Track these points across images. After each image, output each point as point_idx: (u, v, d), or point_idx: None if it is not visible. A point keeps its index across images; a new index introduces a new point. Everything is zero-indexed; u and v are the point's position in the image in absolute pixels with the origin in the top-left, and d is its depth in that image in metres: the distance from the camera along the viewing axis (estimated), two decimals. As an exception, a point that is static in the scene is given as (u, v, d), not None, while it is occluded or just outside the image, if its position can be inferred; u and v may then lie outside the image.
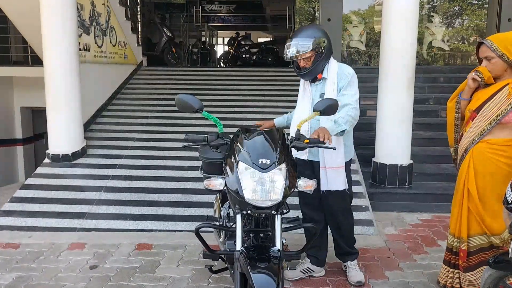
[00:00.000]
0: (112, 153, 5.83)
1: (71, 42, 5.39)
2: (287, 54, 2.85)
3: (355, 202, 4.65)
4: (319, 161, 3.01)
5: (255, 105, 7.14)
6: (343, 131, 2.77)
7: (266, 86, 7.91)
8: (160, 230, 4.36)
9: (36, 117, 9.69)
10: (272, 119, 3.35)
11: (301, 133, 2.52)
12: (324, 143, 2.49)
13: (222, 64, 14.18)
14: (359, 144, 4.84)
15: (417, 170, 5.19)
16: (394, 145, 5.04)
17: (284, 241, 2.82)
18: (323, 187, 3.00)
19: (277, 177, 2.19)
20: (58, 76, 5.35)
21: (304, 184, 2.35)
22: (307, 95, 3.06)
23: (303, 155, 3.05)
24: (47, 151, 5.56)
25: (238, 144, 2.33)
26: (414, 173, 5.13)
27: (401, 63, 4.89)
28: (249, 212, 2.26)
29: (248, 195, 2.17)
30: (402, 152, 5.05)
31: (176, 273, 3.48)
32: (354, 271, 3.26)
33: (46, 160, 5.55)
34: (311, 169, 3.07)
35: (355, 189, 4.83)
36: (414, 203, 4.91)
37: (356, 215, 4.41)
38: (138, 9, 9.82)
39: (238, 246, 2.21)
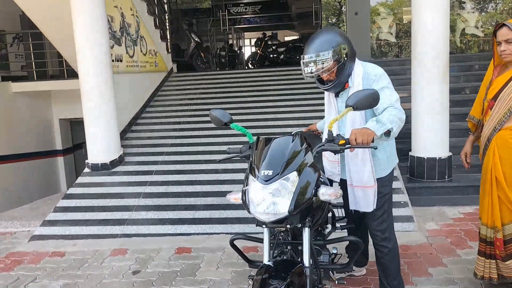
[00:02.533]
0: (149, 160, 5.96)
1: (104, 54, 5.54)
2: (305, 74, 2.46)
3: (394, 198, 4.54)
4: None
5: (286, 104, 7.12)
6: (389, 133, 2.30)
7: (296, 85, 7.86)
8: (198, 234, 4.42)
9: (74, 128, 10.02)
10: (310, 120, 3.18)
11: (320, 135, 2.31)
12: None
13: (250, 66, 14.22)
14: (395, 139, 4.72)
15: (457, 162, 5.01)
16: (431, 138, 4.91)
17: (335, 251, 2.76)
18: (351, 206, 2.68)
19: (281, 189, 1.97)
20: (93, 88, 5.52)
21: (327, 192, 2.07)
22: (332, 109, 2.69)
23: (336, 176, 2.74)
24: (86, 161, 5.74)
25: (252, 156, 2.18)
26: (453, 166, 4.98)
27: (434, 53, 4.76)
28: (263, 226, 2.11)
29: (253, 208, 2.01)
30: (440, 144, 4.92)
31: (216, 276, 3.52)
32: None
33: (86, 170, 5.73)
34: (345, 188, 2.74)
35: (393, 184, 4.77)
36: (455, 196, 4.77)
37: (395, 212, 4.33)
38: (166, 17, 9.99)
39: (266, 259, 2.10)
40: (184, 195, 5.06)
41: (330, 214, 3.11)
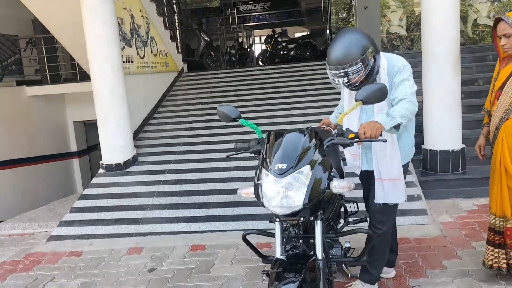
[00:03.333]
0: (162, 159, 6.02)
1: (115, 56, 5.61)
2: (336, 83, 2.46)
3: (407, 191, 4.51)
4: (373, 171, 2.69)
5: (297, 101, 7.12)
6: (398, 126, 2.33)
7: (307, 81, 7.86)
8: (212, 231, 4.46)
9: (89, 129, 10.17)
10: (322, 116, 3.17)
11: (348, 128, 2.30)
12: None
13: (260, 63, 14.23)
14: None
15: (470, 154, 4.95)
16: (444, 130, 4.87)
17: (348, 245, 2.78)
18: (378, 200, 2.68)
19: (295, 182, 1.99)
20: (106, 90, 5.60)
21: (339, 185, 2.09)
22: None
23: (356, 169, 2.78)
24: (100, 162, 5.83)
25: (263, 150, 2.19)
26: (467, 158, 4.94)
27: (445, 45, 4.72)
28: (276, 220, 2.15)
29: (266, 202, 2.02)
30: (453, 136, 4.87)
31: (230, 272, 3.55)
32: None
33: (101, 170, 5.82)
34: (367, 179, 2.81)
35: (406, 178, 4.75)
36: (469, 188, 4.73)
37: (409, 205, 4.34)
38: (176, 18, 10.05)
39: (278, 253, 2.13)
40: (197, 193, 5.11)
41: (342, 209, 3.10)
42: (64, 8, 6.02)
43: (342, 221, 3.10)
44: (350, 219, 3.16)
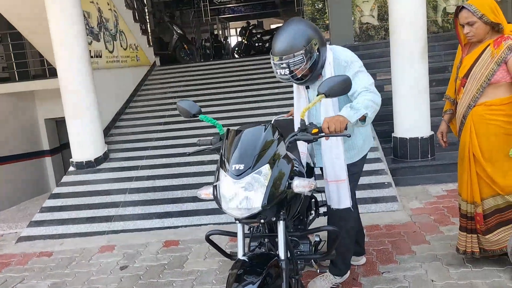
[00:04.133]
0: (134, 155, 5.94)
1: (82, 50, 5.48)
2: (279, 75, 2.36)
3: (378, 179, 4.63)
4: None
5: (270, 92, 7.11)
6: (364, 119, 2.27)
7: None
8: (185, 226, 4.42)
9: (61, 127, 9.95)
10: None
11: (312, 123, 2.23)
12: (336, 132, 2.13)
13: (236, 55, 14.17)
14: (378, 121, 4.75)
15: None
16: (413, 118, 4.93)
17: (317, 239, 2.66)
18: (328, 202, 2.65)
19: (254, 183, 1.89)
20: (73, 85, 5.47)
21: (301, 184, 1.98)
22: (302, 100, 2.64)
23: (303, 160, 2.67)
24: (71, 160, 5.71)
25: (222, 149, 2.09)
26: (436, 144, 5.02)
27: (412, 33, 4.77)
28: (237, 222, 2.04)
29: (225, 204, 1.93)
30: (422, 124, 4.94)
31: (203, 266, 3.53)
32: (321, 284, 2.86)
33: (71, 168, 5.70)
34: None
35: (376, 166, 4.82)
36: (438, 174, 4.81)
37: (380, 192, 4.40)
38: (146, 10, 9.88)
39: (240, 254, 2.04)
40: (171, 189, 5.06)
41: (313, 200, 3.06)
42: (27, 1, 5.84)
43: (313, 213, 3.05)
44: (321, 211, 3.12)
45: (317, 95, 2.11)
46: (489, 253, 2.88)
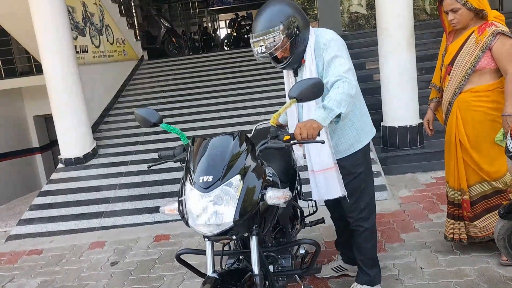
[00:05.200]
0: (123, 150, 5.90)
1: (66, 46, 5.41)
2: (257, 54, 2.22)
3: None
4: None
5: (259, 84, 7.08)
6: (339, 116, 2.11)
7: (268, 64, 7.81)
8: (176, 220, 4.39)
9: (50, 124, 9.85)
10: (285, 99, 2.90)
11: (285, 128, 2.12)
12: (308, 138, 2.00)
13: (225, 47, 14.08)
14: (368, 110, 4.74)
15: (428, 129, 5.08)
16: (401, 107, 4.94)
17: (302, 251, 2.52)
18: (314, 197, 2.51)
19: (223, 196, 1.74)
20: (59, 81, 5.41)
21: (274, 195, 1.84)
22: None
23: (300, 159, 2.57)
24: (59, 156, 5.67)
25: (187, 159, 1.92)
26: (425, 132, 5.02)
27: (398, 22, 4.76)
28: (206, 239, 1.89)
29: (192, 221, 1.76)
30: (410, 112, 4.95)
31: (194, 260, 3.47)
32: None
33: (60, 165, 5.66)
34: None
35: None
36: (427, 162, 4.84)
37: (369, 182, 4.39)
38: (132, 4, 9.78)
39: (209, 271, 1.89)
40: (160, 183, 5.03)
41: (298, 210, 2.88)
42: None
43: (297, 224, 2.81)
44: (307, 221, 2.95)
45: (289, 99, 1.99)
46: (477, 239, 2.90)
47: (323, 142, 1.98)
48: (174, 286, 3.17)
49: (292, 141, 2.01)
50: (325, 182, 2.40)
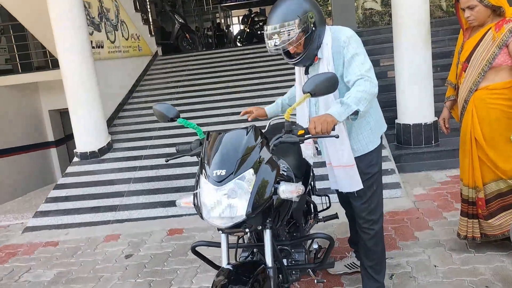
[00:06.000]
0: (137, 145, 5.96)
1: (83, 41, 5.47)
2: (270, 47, 2.17)
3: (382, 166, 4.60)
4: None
5: (272, 80, 7.08)
6: (357, 113, 2.06)
7: (283, 60, 7.80)
8: (189, 214, 4.44)
9: (65, 118, 9.97)
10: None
11: (299, 123, 2.09)
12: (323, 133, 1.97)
13: (238, 44, 14.08)
14: (381, 107, 4.68)
15: (443, 127, 5.04)
16: (416, 104, 4.90)
17: (316, 246, 2.56)
18: (332, 186, 2.54)
19: (237, 190, 1.77)
20: (75, 76, 5.48)
21: (287, 189, 1.86)
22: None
23: (310, 158, 2.59)
24: (75, 150, 5.74)
25: (202, 154, 1.95)
26: (440, 130, 4.98)
27: (414, 18, 4.71)
28: (220, 232, 1.94)
29: (206, 213, 1.80)
30: (425, 110, 4.92)
31: (207, 254, 3.52)
32: None
33: (75, 159, 5.73)
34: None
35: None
36: (442, 160, 4.80)
37: (383, 179, 4.30)
38: (147, 0, 9.83)
39: (224, 263, 1.94)
40: (174, 178, 5.08)
41: (312, 205, 2.90)
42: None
43: (310, 219, 2.83)
44: (321, 216, 2.96)
45: (303, 94, 1.97)
46: (491, 238, 2.87)
47: (337, 136, 1.96)
48: (188, 279, 3.21)
49: (306, 136, 1.99)
50: (345, 176, 2.38)
